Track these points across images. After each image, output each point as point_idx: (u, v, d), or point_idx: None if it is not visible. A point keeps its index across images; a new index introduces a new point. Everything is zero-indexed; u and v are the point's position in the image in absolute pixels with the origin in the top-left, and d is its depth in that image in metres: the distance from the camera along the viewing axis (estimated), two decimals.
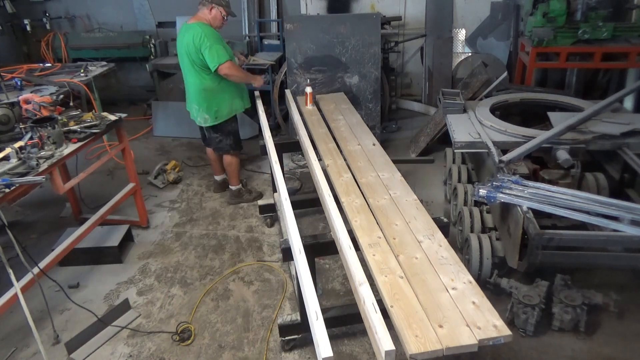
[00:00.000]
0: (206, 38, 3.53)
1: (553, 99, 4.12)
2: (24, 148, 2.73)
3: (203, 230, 3.95)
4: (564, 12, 4.59)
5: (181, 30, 3.77)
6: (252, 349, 2.79)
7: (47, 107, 3.28)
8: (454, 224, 3.69)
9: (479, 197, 2.88)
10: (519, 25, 5.71)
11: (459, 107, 3.97)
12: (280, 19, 6.44)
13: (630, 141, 3.33)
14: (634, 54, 4.50)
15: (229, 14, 3.72)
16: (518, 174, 3.06)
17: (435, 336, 1.59)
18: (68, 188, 3.21)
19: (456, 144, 3.48)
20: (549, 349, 2.66)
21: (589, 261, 2.80)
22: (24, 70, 4.56)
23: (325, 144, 3.13)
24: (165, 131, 5.93)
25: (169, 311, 3.09)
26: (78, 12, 6.97)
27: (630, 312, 2.86)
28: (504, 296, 2.90)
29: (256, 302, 3.14)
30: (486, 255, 3.00)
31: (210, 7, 3.63)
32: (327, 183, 2.54)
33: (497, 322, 1.64)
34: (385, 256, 2.00)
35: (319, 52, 4.56)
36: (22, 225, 4.10)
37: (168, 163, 4.83)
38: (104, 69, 4.81)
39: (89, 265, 3.51)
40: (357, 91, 4.70)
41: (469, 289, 1.80)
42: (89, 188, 4.40)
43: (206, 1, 3.64)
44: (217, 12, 3.64)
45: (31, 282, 2.73)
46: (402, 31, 6.27)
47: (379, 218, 2.27)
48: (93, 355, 2.77)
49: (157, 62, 6.24)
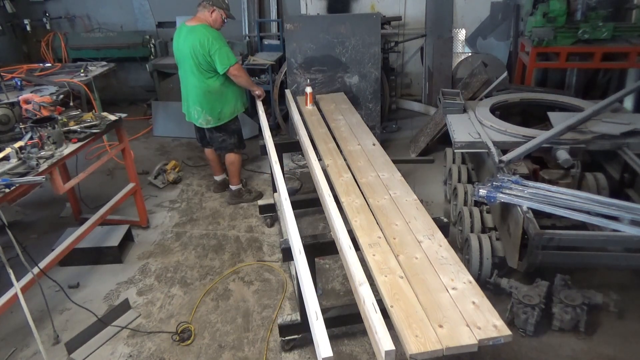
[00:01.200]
0: (214, 41, 3.55)
1: (553, 99, 4.12)
2: (24, 148, 2.73)
3: (203, 230, 3.95)
4: (564, 12, 4.60)
5: (180, 31, 3.75)
6: (252, 349, 2.79)
7: (47, 107, 3.28)
8: (454, 224, 3.69)
9: (479, 197, 2.88)
10: (519, 25, 5.71)
11: (459, 107, 3.97)
12: (280, 19, 6.44)
13: (630, 141, 3.33)
14: (634, 54, 4.50)
15: (229, 17, 3.74)
16: (518, 174, 3.06)
17: (435, 336, 1.59)
18: (68, 188, 3.21)
19: (456, 144, 3.48)
20: (549, 349, 2.66)
21: (589, 261, 2.80)
22: (24, 70, 4.56)
23: (325, 143, 3.13)
24: (165, 131, 5.93)
25: (169, 311, 3.09)
26: (78, 12, 6.97)
27: (630, 312, 2.86)
28: (504, 296, 2.90)
29: (256, 302, 3.14)
30: (486, 255, 3.00)
31: (211, 10, 3.63)
32: (327, 183, 2.54)
33: (497, 322, 1.64)
34: (385, 256, 2.00)
35: (319, 52, 4.55)
36: (22, 225, 4.10)
37: (168, 163, 4.83)
38: (104, 69, 4.81)
39: (89, 265, 3.51)
40: (357, 91, 4.70)
41: (469, 289, 1.80)
42: (89, 188, 4.40)
43: (207, 3, 3.63)
44: (217, 15, 3.66)
45: (31, 282, 2.73)
46: (402, 31, 6.27)
47: (379, 218, 2.27)
48: (93, 355, 2.77)
49: (157, 62, 6.24)
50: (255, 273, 3.41)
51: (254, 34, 6.60)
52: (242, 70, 3.77)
